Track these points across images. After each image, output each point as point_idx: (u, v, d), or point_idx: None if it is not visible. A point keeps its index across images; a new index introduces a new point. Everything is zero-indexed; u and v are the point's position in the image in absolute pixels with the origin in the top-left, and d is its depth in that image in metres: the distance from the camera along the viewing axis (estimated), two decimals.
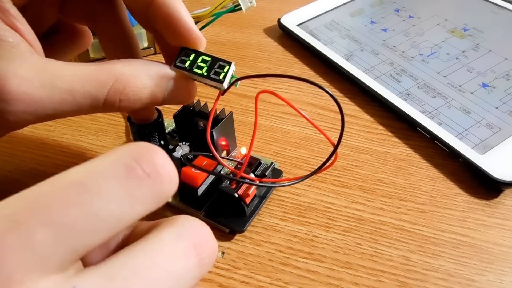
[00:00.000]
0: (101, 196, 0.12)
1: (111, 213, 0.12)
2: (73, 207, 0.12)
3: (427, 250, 0.24)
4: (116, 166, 0.13)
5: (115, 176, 0.13)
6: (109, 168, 0.13)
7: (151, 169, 0.13)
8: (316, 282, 0.23)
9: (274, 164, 0.27)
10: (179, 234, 0.14)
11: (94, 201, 0.12)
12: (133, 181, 0.13)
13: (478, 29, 0.38)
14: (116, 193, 0.12)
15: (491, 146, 0.28)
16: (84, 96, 0.18)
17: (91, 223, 0.12)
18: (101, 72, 0.19)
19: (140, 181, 0.13)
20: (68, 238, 0.12)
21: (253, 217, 0.25)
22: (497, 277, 0.23)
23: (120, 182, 0.13)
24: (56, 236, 0.11)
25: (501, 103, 0.31)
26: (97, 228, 0.12)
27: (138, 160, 0.13)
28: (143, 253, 0.13)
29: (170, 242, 0.14)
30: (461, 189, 0.27)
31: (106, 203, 0.12)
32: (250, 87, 0.35)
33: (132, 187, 0.13)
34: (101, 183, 0.12)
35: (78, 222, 0.12)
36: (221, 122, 0.26)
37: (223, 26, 0.42)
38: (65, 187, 0.12)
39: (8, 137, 0.31)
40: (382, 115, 0.32)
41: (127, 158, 0.13)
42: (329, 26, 0.40)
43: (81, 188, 0.12)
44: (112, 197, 0.12)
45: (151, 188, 0.13)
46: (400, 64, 0.36)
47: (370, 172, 0.28)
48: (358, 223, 0.25)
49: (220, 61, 0.21)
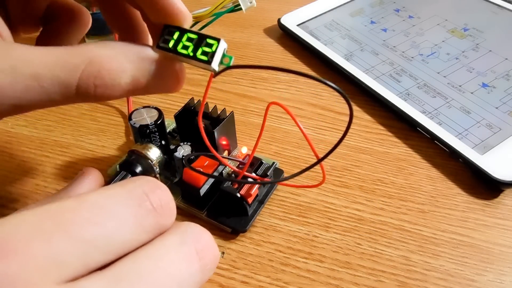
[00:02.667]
0: (117, 220, 0.13)
1: (122, 236, 0.13)
2: (94, 225, 0.13)
3: (427, 250, 0.24)
4: (131, 197, 0.14)
5: (129, 205, 0.14)
6: (125, 197, 0.14)
7: (158, 204, 0.15)
8: (316, 282, 0.23)
9: (276, 164, 0.27)
10: (182, 240, 0.15)
11: (111, 223, 0.13)
12: (143, 211, 0.14)
13: (478, 29, 0.38)
14: (129, 219, 0.14)
15: (491, 146, 0.28)
16: (53, 82, 0.16)
17: (106, 242, 0.13)
18: (72, 54, 0.16)
19: (149, 213, 0.14)
20: (85, 252, 0.13)
21: (255, 216, 0.25)
22: (497, 277, 0.23)
23: (133, 210, 0.14)
24: (76, 249, 0.12)
25: (501, 103, 0.31)
26: (109, 247, 0.13)
27: (148, 194, 0.14)
28: (148, 257, 0.14)
29: (173, 248, 0.14)
30: (461, 189, 0.27)
31: (120, 226, 0.13)
32: (250, 87, 0.35)
33: (142, 216, 0.14)
34: (119, 208, 0.14)
35: (96, 239, 0.13)
36: (222, 122, 0.26)
37: (223, 26, 0.42)
38: (88, 207, 0.13)
39: (8, 137, 0.32)
40: (382, 115, 0.32)
41: (140, 191, 0.14)
42: (329, 26, 0.40)
43: (102, 210, 0.13)
44: (125, 222, 0.14)
45: (156, 220, 0.14)
46: (400, 64, 0.36)
47: (370, 172, 0.28)
48: (358, 223, 0.25)
49: (207, 38, 0.18)
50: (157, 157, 0.26)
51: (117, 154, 0.30)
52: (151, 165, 0.26)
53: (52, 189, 0.28)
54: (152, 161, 0.26)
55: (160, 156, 0.26)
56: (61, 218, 0.13)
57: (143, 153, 0.25)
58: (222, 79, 0.36)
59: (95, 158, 0.30)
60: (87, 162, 0.29)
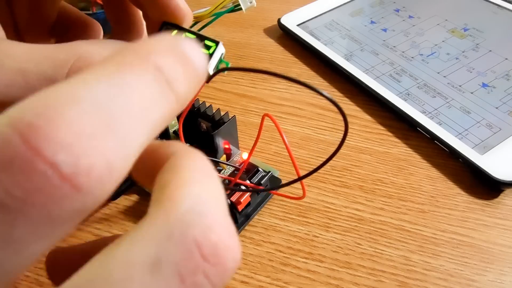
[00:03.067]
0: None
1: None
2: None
3: (427, 250, 0.24)
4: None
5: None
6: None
7: (25, 189, 0.07)
8: (316, 282, 0.23)
9: (272, 173, 0.27)
10: (158, 258, 0.09)
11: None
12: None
13: (478, 29, 0.38)
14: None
15: (491, 146, 0.28)
16: (39, 77, 0.15)
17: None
18: (60, 50, 0.16)
19: (10, 214, 0.07)
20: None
21: (245, 225, 0.25)
22: (497, 277, 0.23)
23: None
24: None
25: (501, 103, 0.31)
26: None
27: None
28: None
29: (140, 277, 0.08)
30: (461, 189, 0.27)
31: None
32: (250, 87, 0.35)
33: (1, 226, 0.07)
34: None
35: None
36: (222, 125, 0.26)
37: (223, 26, 0.42)
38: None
39: None
40: (382, 115, 0.32)
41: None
42: (329, 26, 0.40)
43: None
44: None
45: (42, 216, 0.08)
46: (400, 64, 0.36)
47: (370, 172, 0.28)
48: (358, 223, 0.25)
49: (206, 40, 0.17)
50: None
51: None
52: None
53: None
54: None
55: None
56: None
57: None
58: (222, 79, 0.36)
59: None
60: None
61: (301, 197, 0.23)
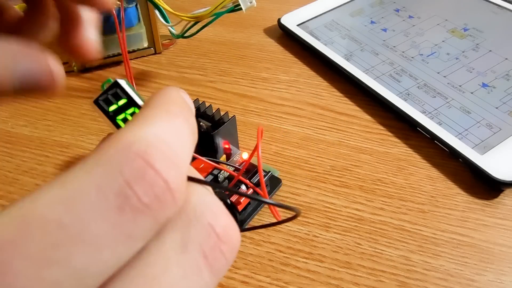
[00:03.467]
0: (89, 245, 0.09)
1: (102, 265, 0.09)
2: (51, 267, 0.08)
3: (427, 250, 0.24)
4: (105, 195, 0.09)
5: (104, 212, 0.09)
6: (96, 199, 0.09)
7: (151, 197, 0.09)
8: (316, 282, 0.23)
9: (272, 173, 0.27)
10: (184, 242, 0.10)
11: (79, 254, 0.08)
12: (129, 216, 0.09)
13: (478, 29, 0.38)
14: (108, 237, 0.09)
15: (491, 146, 0.28)
16: None
17: (76, 284, 0.09)
18: None
19: (139, 215, 0.09)
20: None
21: (245, 225, 0.25)
22: (497, 277, 0.23)
23: (113, 220, 0.09)
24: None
25: (501, 103, 0.31)
26: (87, 283, 0.09)
27: (131, 184, 0.09)
28: (143, 280, 0.10)
29: (173, 259, 0.10)
30: (461, 189, 0.27)
31: (96, 254, 0.09)
32: (250, 87, 0.35)
33: (128, 225, 0.09)
34: (87, 224, 0.09)
35: (59, 286, 0.08)
36: (222, 125, 0.26)
37: (223, 26, 0.42)
38: (37, 231, 0.08)
39: (8, 137, 0.32)
40: (382, 115, 0.32)
41: (118, 180, 0.09)
42: (329, 26, 0.40)
43: (59, 233, 0.08)
44: (103, 244, 0.09)
45: (153, 220, 0.09)
46: (400, 64, 0.36)
47: (370, 172, 0.28)
48: (358, 223, 0.25)
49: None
50: None
51: None
52: None
53: None
54: None
55: None
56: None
57: None
58: (222, 79, 0.36)
59: None
60: None
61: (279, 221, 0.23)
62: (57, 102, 0.34)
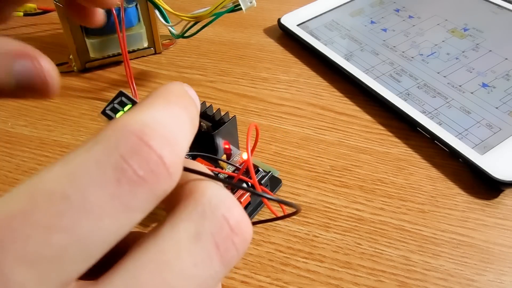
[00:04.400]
0: (91, 214, 0.10)
1: (104, 232, 0.10)
2: (58, 233, 0.09)
3: (427, 250, 0.24)
4: (103, 169, 0.10)
5: (103, 184, 0.10)
6: (95, 172, 0.10)
7: (146, 171, 0.10)
8: (316, 282, 0.23)
9: (272, 173, 0.27)
10: (198, 230, 0.11)
11: (82, 222, 0.09)
12: (126, 187, 0.10)
13: (478, 29, 0.38)
14: (108, 206, 0.10)
15: (491, 146, 0.28)
16: None
17: (81, 249, 0.10)
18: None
19: (135, 187, 0.10)
20: (54, 273, 0.09)
21: None
22: (497, 277, 0.23)
23: (111, 191, 0.10)
24: (39, 275, 0.09)
25: (501, 103, 0.31)
26: (89, 252, 0.10)
27: (127, 158, 0.10)
28: (151, 266, 0.10)
29: (185, 248, 0.11)
30: (461, 189, 0.27)
31: (97, 222, 0.10)
32: (250, 87, 0.35)
33: (126, 196, 0.10)
34: (88, 195, 0.10)
35: (66, 251, 0.09)
36: (222, 125, 0.26)
37: (223, 26, 0.42)
38: (44, 202, 0.09)
39: (8, 137, 0.32)
40: (382, 115, 0.32)
41: (115, 155, 0.10)
42: (329, 26, 0.40)
43: (64, 204, 0.09)
44: (104, 213, 0.10)
45: (147, 191, 0.10)
46: (400, 64, 0.36)
47: (370, 172, 0.28)
48: (358, 223, 0.25)
49: None
50: None
51: None
52: None
53: None
54: None
55: None
56: (8, 234, 0.09)
57: None
58: (222, 79, 0.36)
59: None
60: None
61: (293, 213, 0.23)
62: (57, 102, 0.34)
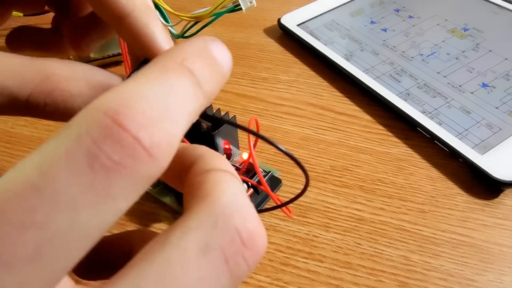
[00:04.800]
0: (66, 207, 0.09)
1: (83, 226, 0.09)
2: (31, 230, 0.08)
3: (427, 250, 0.24)
4: (74, 156, 0.09)
5: (75, 173, 0.09)
6: (65, 161, 0.09)
7: (121, 155, 0.09)
8: (316, 282, 0.23)
9: (272, 173, 0.27)
10: (207, 242, 0.10)
11: (57, 217, 0.09)
12: (101, 174, 0.09)
13: (478, 29, 0.38)
14: (84, 197, 0.09)
15: (491, 146, 0.28)
16: (2, 91, 0.15)
17: (60, 246, 0.09)
18: (29, 67, 0.15)
19: (111, 173, 0.09)
20: (34, 274, 0.08)
21: None
22: (497, 277, 0.23)
23: (85, 180, 0.09)
24: (18, 279, 0.08)
25: (501, 103, 0.31)
26: (70, 249, 0.09)
27: (98, 143, 0.09)
28: (157, 275, 0.10)
29: (193, 260, 0.10)
30: (461, 189, 0.27)
31: (74, 215, 0.09)
32: (250, 87, 0.35)
33: (103, 184, 0.09)
34: (59, 186, 0.09)
35: (43, 250, 0.08)
36: (223, 125, 0.26)
37: (223, 26, 0.42)
38: (16, 198, 0.09)
39: (8, 137, 0.32)
40: (382, 115, 0.32)
41: (86, 141, 0.09)
42: (329, 26, 0.40)
43: (35, 198, 0.09)
44: (79, 205, 0.09)
45: (129, 178, 0.09)
46: (400, 64, 0.36)
47: (370, 172, 0.28)
48: (358, 223, 0.25)
49: None
50: None
51: None
52: None
53: None
54: None
55: None
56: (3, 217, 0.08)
57: None
58: None
59: None
60: None
61: (289, 216, 0.23)
62: None
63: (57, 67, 0.16)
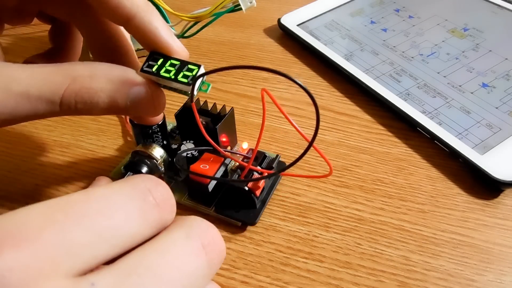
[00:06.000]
0: (124, 212, 0.14)
1: (129, 229, 0.14)
2: (103, 217, 0.13)
3: (427, 250, 0.24)
4: (135, 191, 0.14)
5: (135, 198, 0.14)
6: (130, 191, 0.14)
7: (160, 200, 0.15)
8: (316, 282, 0.23)
9: (279, 157, 0.27)
10: (188, 234, 0.15)
11: (119, 215, 0.14)
12: (148, 206, 0.14)
13: (478, 29, 0.38)
14: (135, 212, 0.14)
15: (491, 146, 0.28)
16: (40, 98, 0.18)
17: (114, 235, 0.13)
18: (57, 73, 0.18)
19: (153, 207, 0.15)
20: (96, 244, 0.13)
21: (263, 209, 0.25)
22: (497, 277, 0.23)
23: (138, 204, 0.14)
24: (87, 240, 0.12)
25: (501, 103, 0.31)
26: (117, 240, 0.13)
27: (151, 190, 0.15)
28: (155, 251, 0.14)
29: (180, 241, 0.15)
30: (461, 189, 0.27)
31: (127, 219, 0.14)
32: (250, 87, 0.35)
33: (146, 210, 0.14)
34: (125, 201, 0.14)
35: (106, 231, 0.13)
36: (223, 118, 0.26)
37: (223, 26, 0.42)
38: (97, 199, 0.14)
39: (8, 137, 0.32)
40: (382, 115, 0.32)
41: (143, 187, 0.15)
42: (329, 26, 0.40)
43: (110, 202, 0.14)
44: (132, 215, 0.14)
45: (159, 215, 0.15)
46: (400, 64, 0.36)
47: (370, 172, 0.28)
48: (358, 223, 0.25)
49: (189, 64, 0.20)
50: (161, 156, 0.26)
51: (117, 154, 0.30)
52: (156, 164, 0.26)
53: (52, 189, 0.28)
54: (157, 160, 0.26)
55: (164, 155, 0.26)
56: (71, 209, 0.13)
57: (147, 153, 0.26)
58: (222, 79, 0.36)
59: (95, 158, 0.30)
60: (87, 162, 0.29)
61: (328, 174, 0.23)
62: None
63: (81, 69, 0.19)
